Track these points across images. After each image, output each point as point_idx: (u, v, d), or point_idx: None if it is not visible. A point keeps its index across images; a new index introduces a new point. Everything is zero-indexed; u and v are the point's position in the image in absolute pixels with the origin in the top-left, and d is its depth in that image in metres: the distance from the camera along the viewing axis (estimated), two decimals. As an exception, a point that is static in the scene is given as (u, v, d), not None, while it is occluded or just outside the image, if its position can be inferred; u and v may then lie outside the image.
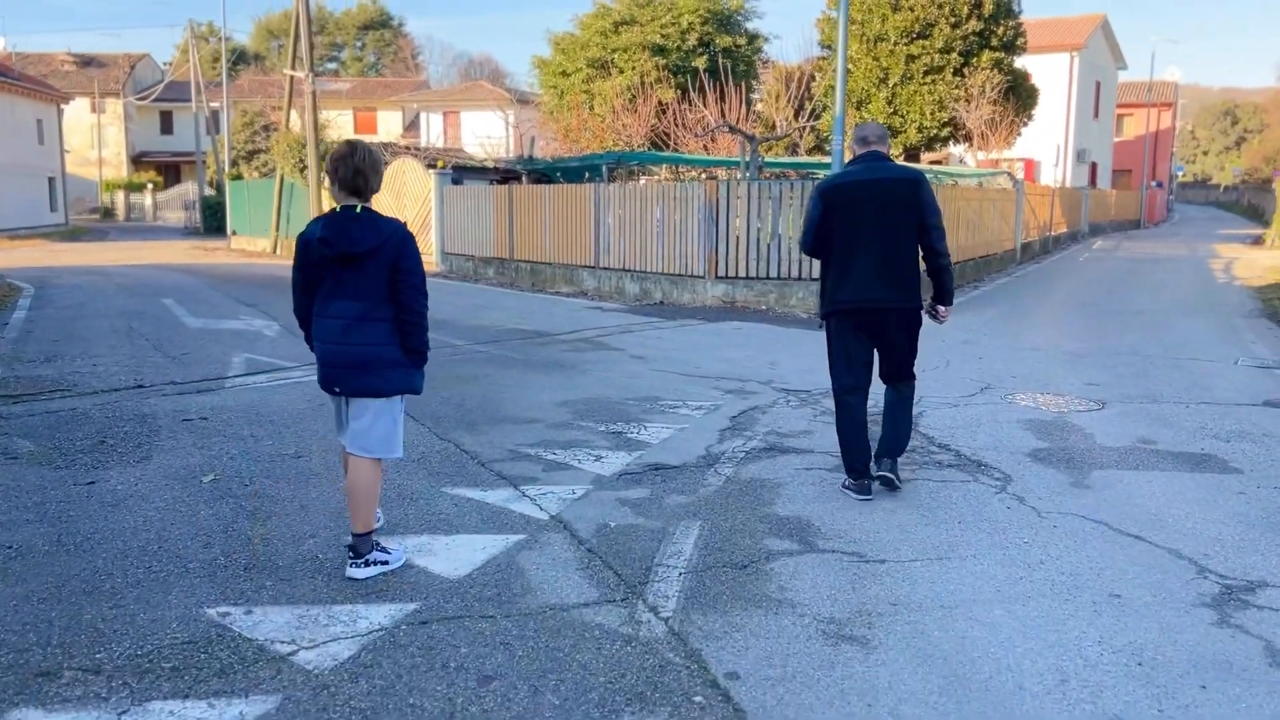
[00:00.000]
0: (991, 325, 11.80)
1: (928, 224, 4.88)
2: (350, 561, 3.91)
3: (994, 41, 25.69)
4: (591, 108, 28.04)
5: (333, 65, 75.23)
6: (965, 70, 25.42)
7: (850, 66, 27.19)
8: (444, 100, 47.62)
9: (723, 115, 20.59)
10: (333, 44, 77.47)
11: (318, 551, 4.18)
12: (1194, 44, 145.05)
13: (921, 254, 4.99)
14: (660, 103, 25.09)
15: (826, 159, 24.89)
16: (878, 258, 4.82)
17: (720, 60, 27.01)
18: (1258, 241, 31.13)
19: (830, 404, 5.37)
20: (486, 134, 35.26)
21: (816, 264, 12.51)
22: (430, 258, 20.40)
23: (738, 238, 13.36)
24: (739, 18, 30.34)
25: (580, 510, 4.75)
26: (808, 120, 21.96)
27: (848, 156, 5.93)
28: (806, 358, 9.31)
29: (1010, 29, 26.00)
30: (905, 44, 25.63)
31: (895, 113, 26.10)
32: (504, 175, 19.97)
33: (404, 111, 50.87)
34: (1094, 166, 42.14)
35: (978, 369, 8.77)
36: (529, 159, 20.26)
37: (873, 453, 5.05)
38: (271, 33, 72.41)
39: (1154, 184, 47.93)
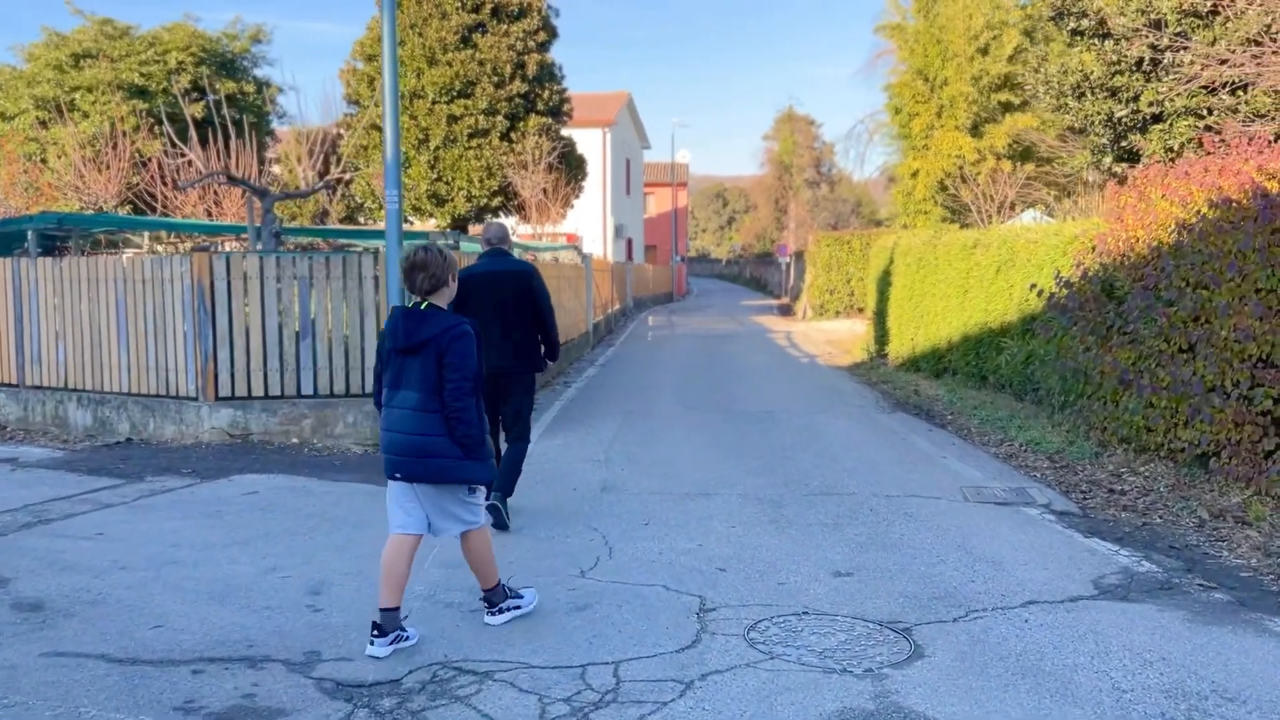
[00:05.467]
0: (621, 453, 8.67)
1: (539, 307, 6.20)
2: (487, 612, 4.37)
3: (540, 106, 23.80)
4: (45, 160, 21.41)
5: None
6: (513, 135, 23.13)
7: (384, 125, 23.69)
8: None
9: (225, 168, 15.80)
10: None
11: None
12: (681, 132, 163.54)
13: (537, 328, 6.22)
14: (142, 155, 19.47)
15: (371, 226, 20.96)
16: (501, 334, 5.95)
17: (224, 109, 21.93)
18: (787, 312, 32.70)
19: None
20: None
21: (370, 379, 8.69)
22: None
23: (250, 337, 8.94)
24: (244, 62, 25.42)
25: None
26: (346, 178, 17.89)
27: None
28: (377, 556, 5.31)
29: (555, 94, 24.28)
30: (445, 103, 22.78)
31: (440, 179, 23.02)
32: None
33: None
34: (630, 242, 42.79)
35: (660, 556, 5.42)
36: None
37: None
38: None
39: (679, 259, 50.32)
